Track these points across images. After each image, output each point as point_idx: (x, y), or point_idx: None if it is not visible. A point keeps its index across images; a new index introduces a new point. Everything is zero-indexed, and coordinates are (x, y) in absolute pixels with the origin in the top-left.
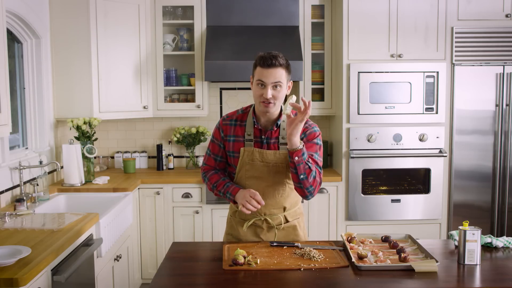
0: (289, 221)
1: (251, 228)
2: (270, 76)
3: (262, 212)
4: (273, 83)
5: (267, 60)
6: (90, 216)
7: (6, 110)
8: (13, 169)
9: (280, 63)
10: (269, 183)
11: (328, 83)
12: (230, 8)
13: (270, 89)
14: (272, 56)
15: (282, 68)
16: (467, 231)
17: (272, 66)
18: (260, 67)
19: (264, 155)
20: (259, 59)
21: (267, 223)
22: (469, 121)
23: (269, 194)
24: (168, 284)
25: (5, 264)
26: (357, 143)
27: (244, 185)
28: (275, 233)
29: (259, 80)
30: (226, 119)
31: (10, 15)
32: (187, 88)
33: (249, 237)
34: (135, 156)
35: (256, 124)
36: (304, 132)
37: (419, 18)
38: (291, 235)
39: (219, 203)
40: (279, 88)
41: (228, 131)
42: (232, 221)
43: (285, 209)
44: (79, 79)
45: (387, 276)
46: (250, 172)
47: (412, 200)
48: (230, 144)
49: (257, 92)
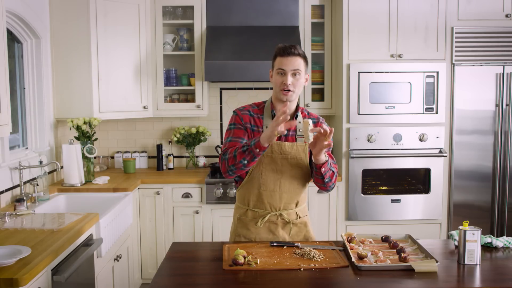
0: (301, 217)
1: (265, 225)
2: (289, 64)
3: (277, 207)
4: (292, 71)
5: (287, 49)
6: (90, 216)
7: (6, 110)
8: (13, 169)
9: (299, 52)
10: (286, 176)
11: (328, 83)
12: (230, 8)
13: (290, 76)
14: (291, 45)
15: (300, 57)
16: (467, 231)
17: (291, 54)
18: (279, 57)
19: (282, 147)
20: (278, 50)
21: (281, 218)
22: (469, 121)
23: (285, 187)
24: (168, 284)
25: (5, 264)
26: (357, 143)
27: (260, 178)
28: (290, 228)
29: (279, 69)
30: (243, 109)
31: (10, 15)
32: (187, 88)
33: (262, 235)
34: (135, 156)
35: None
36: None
37: (419, 18)
38: (303, 232)
39: (219, 203)
40: (298, 76)
41: (247, 120)
42: (243, 220)
43: (297, 204)
44: (79, 79)
45: (387, 276)
46: (269, 165)
47: (412, 200)
48: (250, 132)
49: (277, 80)
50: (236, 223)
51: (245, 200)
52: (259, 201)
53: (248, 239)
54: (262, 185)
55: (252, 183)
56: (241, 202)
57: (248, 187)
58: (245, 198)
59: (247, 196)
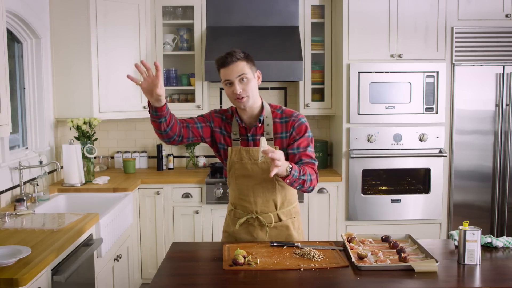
0: (283, 220)
1: (245, 226)
2: (232, 72)
3: (254, 210)
4: (238, 78)
5: (225, 59)
6: (90, 216)
7: (6, 110)
8: (13, 169)
9: (237, 57)
10: (258, 180)
11: (328, 83)
12: (230, 8)
13: (237, 84)
14: (227, 54)
15: (241, 61)
16: (467, 231)
17: (230, 63)
18: (222, 68)
19: (251, 152)
20: (217, 63)
21: (259, 221)
22: (469, 121)
23: (259, 191)
24: (168, 284)
25: (5, 264)
26: (357, 143)
27: (234, 184)
28: (267, 231)
29: (226, 81)
30: (218, 112)
31: (10, 15)
32: (187, 88)
33: (243, 235)
34: (135, 156)
35: (239, 123)
36: (292, 125)
37: (419, 18)
38: (284, 234)
39: (219, 203)
40: (246, 80)
41: (218, 123)
42: (228, 219)
43: (277, 207)
44: (79, 79)
45: (387, 276)
46: (240, 171)
47: (412, 200)
48: (221, 137)
49: (228, 91)
50: (225, 221)
51: (231, 200)
52: (238, 204)
53: (233, 237)
54: (237, 189)
55: (231, 186)
56: (230, 201)
57: (230, 189)
58: (231, 198)
59: (231, 198)
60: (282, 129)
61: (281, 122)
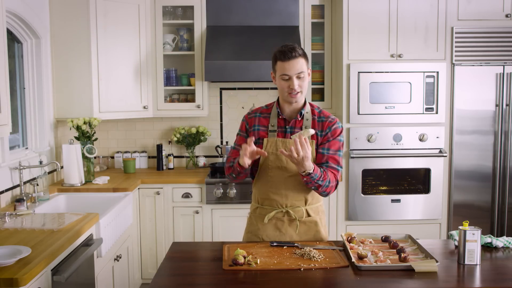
0: (311, 216)
1: (271, 222)
2: (292, 68)
3: (284, 204)
4: (297, 74)
5: (287, 53)
6: (90, 216)
7: (6, 110)
8: (13, 169)
9: (299, 53)
10: (292, 173)
11: (328, 83)
12: (230, 8)
13: (295, 80)
14: (291, 48)
15: (301, 58)
16: (467, 231)
17: (293, 58)
18: (281, 62)
19: (287, 144)
20: (278, 54)
21: (288, 215)
22: (469, 121)
23: (291, 184)
24: (168, 284)
25: (5, 264)
26: (357, 143)
27: (266, 175)
28: (297, 225)
29: (283, 75)
30: (251, 113)
31: (10, 15)
32: (187, 88)
33: (269, 232)
34: (135, 156)
35: (280, 115)
36: (329, 126)
37: (419, 18)
38: (312, 231)
39: (219, 203)
40: (303, 77)
41: (253, 122)
42: (252, 217)
43: (307, 202)
44: (79, 79)
45: (387, 276)
46: (274, 163)
47: (412, 200)
48: (255, 133)
49: (283, 85)
50: (248, 220)
51: (256, 197)
52: (267, 198)
53: (256, 236)
54: (269, 182)
55: (260, 181)
56: (253, 200)
57: (257, 185)
58: (256, 196)
59: (257, 194)
60: (318, 127)
61: (318, 121)
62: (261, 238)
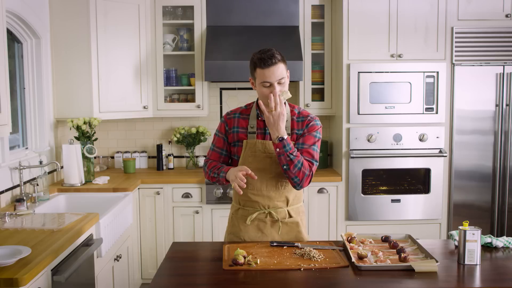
0: (292, 217)
1: (254, 224)
2: (273, 75)
3: (266, 205)
4: (278, 80)
5: (267, 60)
6: (90, 216)
7: (6, 110)
8: (13, 169)
9: (279, 59)
10: (272, 174)
11: (328, 83)
12: (230, 8)
13: (277, 86)
14: (270, 55)
15: (281, 63)
16: (467, 231)
17: (273, 64)
18: (260, 69)
19: (266, 145)
20: (258, 61)
21: (270, 217)
22: (469, 121)
23: (272, 185)
24: (168, 284)
25: (5, 264)
26: (357, 143)
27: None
28: (279, 226)
29: (264, 82)
30: (230, 113)
31: (10, 15)
32: (187, 88)
33: (251, 233)
34: (135, 156)
35: (260, 116)
36: (307, 124)
37: (419, 18)
38: (294, 232)
39: (219, 203)
40: (284, 82)
41: (232, 124)
42: (234, 219)
43: (288, 203)
44: (79, 79)
45: (387, 276)
46: (253, 164)
47: (412, 200)
48: (234, 135)
49: (265, 92)
50: (229, 221)
51: (237, 198)
52: (248, 200)
53: (238, 237)
54: (250, 184)
55: None
56: (234, 201)
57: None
58: (236, 197)
59: (238, 195)
60: (298, 126)
61: (297, 121)
62: (243, 239)
